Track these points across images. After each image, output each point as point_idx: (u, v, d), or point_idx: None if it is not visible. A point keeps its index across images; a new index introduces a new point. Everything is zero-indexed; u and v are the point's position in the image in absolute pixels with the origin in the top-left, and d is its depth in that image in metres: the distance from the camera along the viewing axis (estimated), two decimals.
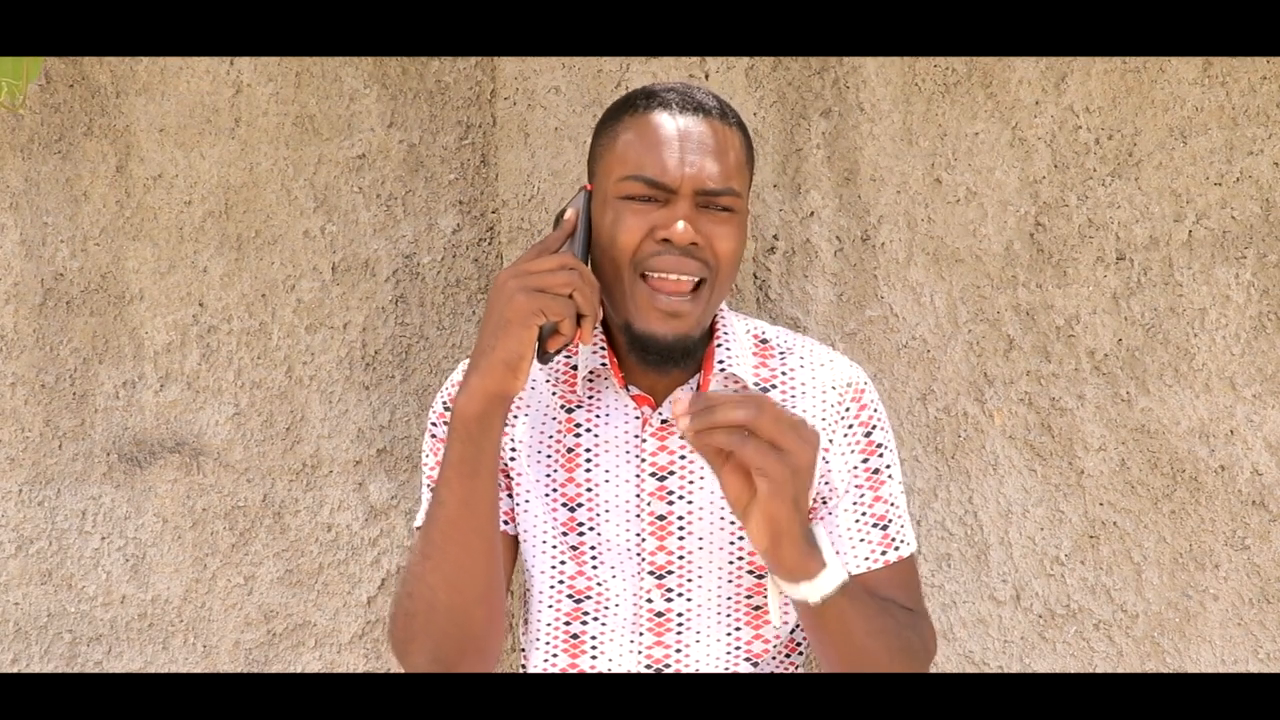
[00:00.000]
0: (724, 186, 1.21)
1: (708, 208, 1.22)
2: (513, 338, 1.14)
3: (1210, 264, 1.46)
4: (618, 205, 1.22)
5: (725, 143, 1.23)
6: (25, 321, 1.66)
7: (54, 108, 1.65)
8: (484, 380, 1.16)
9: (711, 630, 1.26)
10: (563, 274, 1.16)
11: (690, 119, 1.22)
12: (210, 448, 1.64)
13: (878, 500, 1.29)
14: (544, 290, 1.15)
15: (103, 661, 1.66)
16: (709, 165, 1.21)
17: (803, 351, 1.34)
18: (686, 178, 1.20)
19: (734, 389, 1.29)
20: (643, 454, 1.27)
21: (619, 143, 1.24)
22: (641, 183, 1.21)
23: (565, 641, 1.28)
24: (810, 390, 1.31)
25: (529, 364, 1.16)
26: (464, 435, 1.17)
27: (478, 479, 1.18)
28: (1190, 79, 1.46)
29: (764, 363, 1.32)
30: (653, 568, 1.26)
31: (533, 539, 1.29)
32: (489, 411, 1.17)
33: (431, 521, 1.21)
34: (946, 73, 1.52)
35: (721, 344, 1.29)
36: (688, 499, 1.27)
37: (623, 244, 1.21)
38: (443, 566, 1.19)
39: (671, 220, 1.19)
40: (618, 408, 1.29)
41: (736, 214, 1.24)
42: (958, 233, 1.52)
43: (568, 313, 1.16)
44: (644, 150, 1.21)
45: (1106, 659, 1.50)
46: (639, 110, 1.24)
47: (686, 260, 1.19)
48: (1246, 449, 1.45)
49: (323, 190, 1.64)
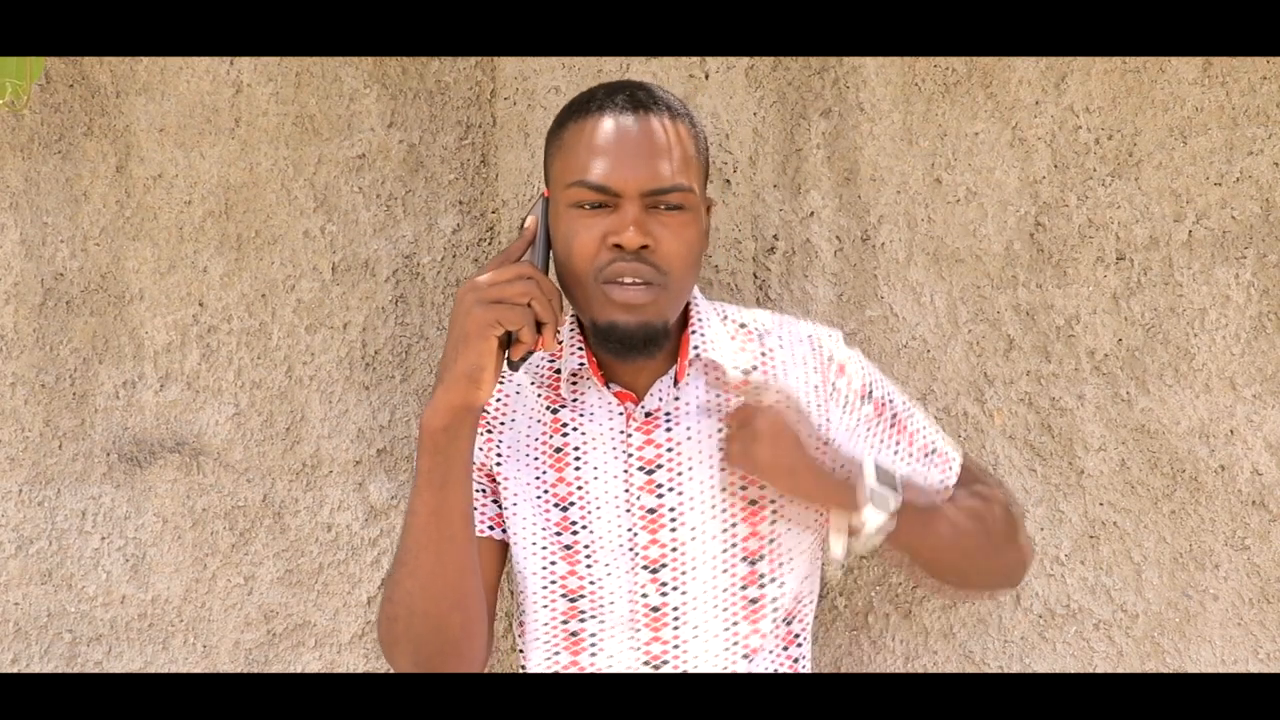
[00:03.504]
0: (671, 184, 1.22)
1: (657, 207, 1.22)
2: (472, 350, 1.17)
3: (1210, 264, 1.46)
4: (569, 214, 1.23)
5: (670, 139, 1.23)
6: (25, 321, 1.66)
7: (54, 108, 1.65)
8: (448, 393, 1.18)
9: (709, 624, 1.26)
10: (519, 284, 1.18)
11: (631, 118, 1.23)
12: (210, 448, 1.64)
13: (914, 435, 1.34)
14: (500, 301, 1.17)
15: (103, 661, 1.66)
16: (653, 164, 1.21)
17: (780, 331, 1.34)
18: (631, 180, 1.21)
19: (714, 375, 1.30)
20: (629, 449, 1.28)
21: (564, 149, 1.25)
22: (587, 188, 1.21)
23: (565, 639, 1.28)
24: (791, 369, 1.31)
25: (492, 375, 1.18)
26: (431, 448, 1.20)
27: (447, 490, 1.20)
28: (1190, 79, 1.46)
29: (743, 347, 1.33)
30: (646, 562, 1.26)
31: (523, 542, 1.30)
32: (455, 424, 1.19)
33: (406, 530, 1.23)
34: (946, 73, 1.52)
35: (696, 330, 1.29)
36: (677, 490, 1.27)
37: (578, 254, 1.22)
38: (417, 574, 1.21)
39: (621, 226, 1.20)
40: (601, 405, 1.30)
41: (688, 209, 1.24)
42: (958, 233, 1.52)
43: (525, 321, 1.18)
44: (587, 155, 1.22)
45: (1106, 659, 1.50)
46: (581, 115, 1.25)
47: (640, 266, 1.21)
48: (1246, 449, 1.45)
49: (323, 190, 1.64)
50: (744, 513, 1.27)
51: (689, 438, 1.28)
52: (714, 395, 1.29)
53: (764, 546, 1.27)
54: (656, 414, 1.28)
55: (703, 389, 1.29)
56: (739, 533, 1.27)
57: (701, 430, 1.28)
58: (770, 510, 1.28)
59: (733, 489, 1.27)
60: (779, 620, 1.29)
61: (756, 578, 1.27)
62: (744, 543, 1.27)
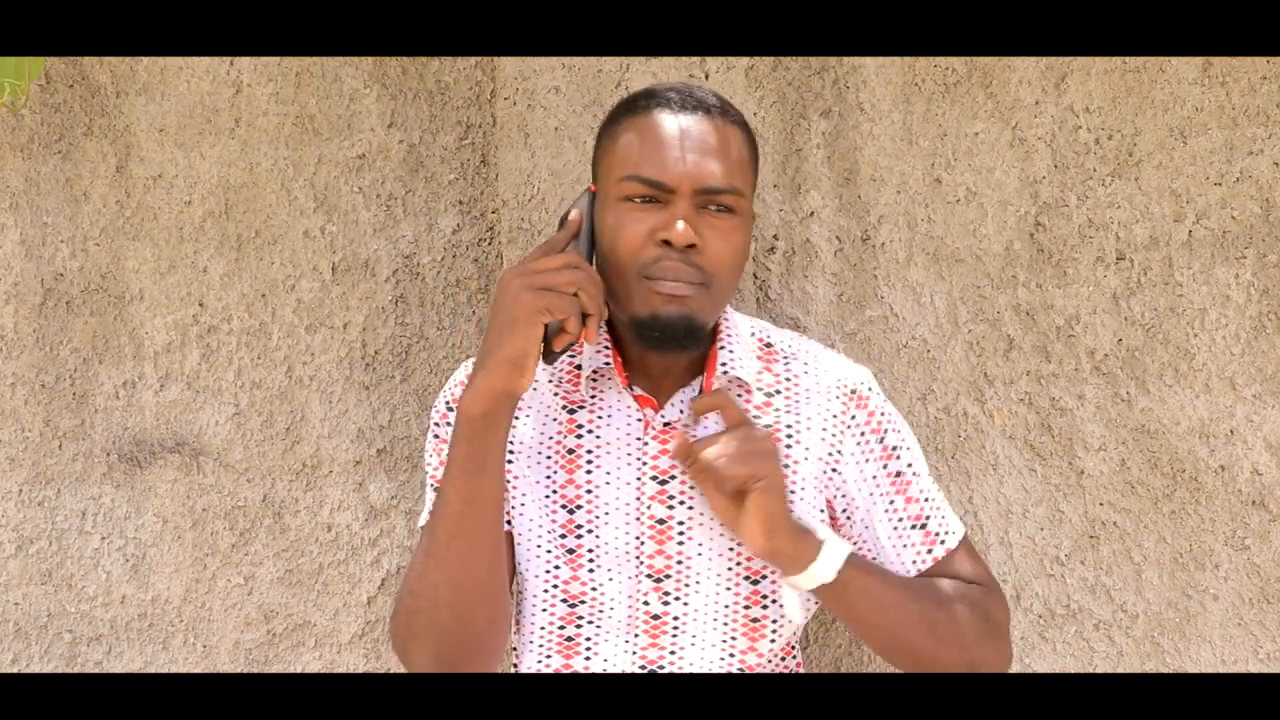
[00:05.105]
0: (725, 185, 1.21)
1: (707, 207, 1.21)
2: (518, 336, 1.15)
3: (1210, 264, 1.46)
4: (618, 207, 1.22)
5: (726, 141, 1.23)
6: (25, 321, 1.66)
7: (54, 108, 1.65)
8: (490, 379, 1.16)
9: (707, 635, 1.25)
10: (568, 273, 1.16)
11: (690, 117, 1.22)
12: (210, 448, 1.64)
13: (910, 501, 1.29)
14: (549, 289, 1.15)
15: (103, 661, 1.66)
16: (708, 164, 1.21)
17: (807, 357, 1.33)
18: (685, 176, 1.20)
19: (738, 392, 1.29)
20: (644, 457, 1.27)
21: (619, 143, 1.24)
22: (641, 183, 1.20)
23: (560, 644, 1.27)
24: (814, 396, 1.30)
25: (535, 362, 1.16)
26: (469, 434, 1.17)
27: (483, 477, 1.18)
28: (1190, 79, 1.46)
29: (768, 367, 1.32)
30: (651, 571, 1.25)
31: (527, 542, 1.28)
32: (494, 410, 1.17)
33: (436, 520, 1.20)
34: (946, 73, 1.52)
35: (725, 346, 1.29)
36: (688, 504, 1.26)
37: (624, 248, 1.21)
38: (446, 565, 1.19)
39: (671, 222, 1.19)
40: (620, 409, 1.28)
41: (738, 214, 1.23)
42: (958, 233, 1.52)
43: (573, 311, 1.16)
44: (643, 150, 1.21)
45: (1106, 659, 1.50)
46: (639, 110, 1.24)
47: (683, 267, 1.19)
48: (1246, 449, 1.45)
49: (323, 190, 1.64)
50: None
51: None
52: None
53: (768, 568, 1.26)
54: (675, 425, 1.27)
55: None
56: (745, 551, 1.25)
57: None
58: None
59: None
60: (778, 642, 1.28)
61: (759, 598, 1.26)
62: (749, 562, 1.26)
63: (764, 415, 1.29)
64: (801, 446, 1.29)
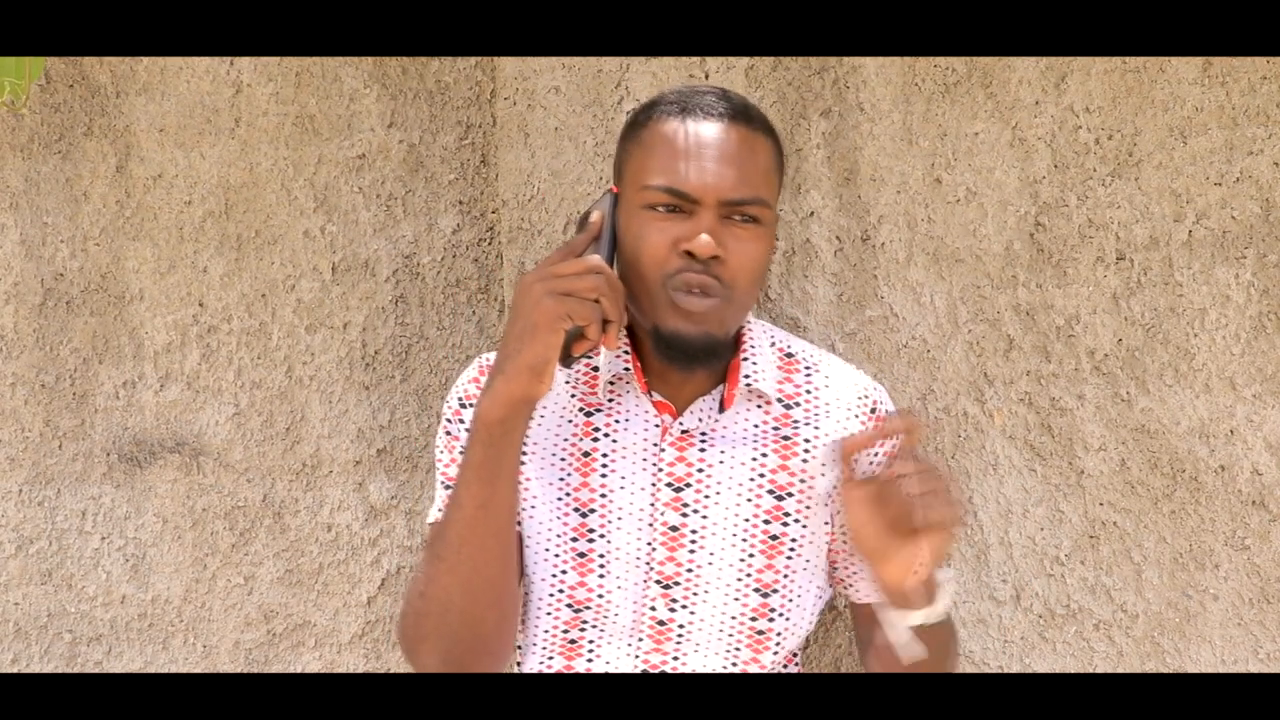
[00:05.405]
0: (749, 196, 1.20)
1: (731, 218, 1.20)
2: (539, 342, 1.13)
3: (1210, 264, 1.46)
4: (642, 215, 1.21)
5: (753, 149, 1.22)
6: (25, 321, 1.66)
7: (54, 108, 1.65)
8: (509, 384, 1.15)
9: (711, 644, 1.25)
10: (590, 278, 1.14)
11: (716, 125, 1.20)
12: (210, 448, 1.64)
13: None
14: (571, 294, 1.14)
15: (103, 661, 1.66)
16: (734, 174, 1.19)
17: (828, 370, 1.33)
18: (710, 188, 1.18)
19: (757, 404, 1.29)
20: (660, 463, 1.26)
21: (644, 149, 1.23)
22: (665, 192, 1.19)
23: (563, 646, 1.27)
24: (834, 410, 1.30)
25: (554, 368, 1.15)
26: (485, 439, 1.17)
27: (497, 483, 1.18)
28: (1190, 79, 1.46)
29: (789, 378, 1.31)
30: (660, 577, 1.25)
31: (536, 544, 1.28)
32: (512, 416, 1.16)
33: (448, 524, 1.20)
34: (946, 73, 1.52)
35: (748, 357, 1.28)
36: (702, 513, 1.25)
37: (647, 257, 1.19)
38: (458, 569, 1.18)
39: (694, 233, 1.18)
40: (638, 414, 1.27)
41: (763, 224, 1.22)
42: (958, 233, 1.52)
43: (594, 317, 1.14)
44: (668, 157, 1.20)
45: (1106, 659, 1.50)
46: (665, 116, 1.23)
47: (706, 278, 1.18)
48: (1246, 449, 1.45)
49: (323, 190, 1.64)
50: (763, 545, 1.26)
51: (722, 462, 1.26)
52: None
53: (778, 581, 1.26)
54: (693, 433, 1.26)
55: (745, 417, 1.28)
56: (755, 564, 1.25)
57: (736, 457, 1.26)
58: (789, 547, 1.27)
59: (756, 521, 1.26)
60: (780, 654, 1.28)
61: (767, 611, 1.26)
62: (759, 574, 1.25)
63: (783, 427, 1.29)
64: (817, 461, 1.28)
